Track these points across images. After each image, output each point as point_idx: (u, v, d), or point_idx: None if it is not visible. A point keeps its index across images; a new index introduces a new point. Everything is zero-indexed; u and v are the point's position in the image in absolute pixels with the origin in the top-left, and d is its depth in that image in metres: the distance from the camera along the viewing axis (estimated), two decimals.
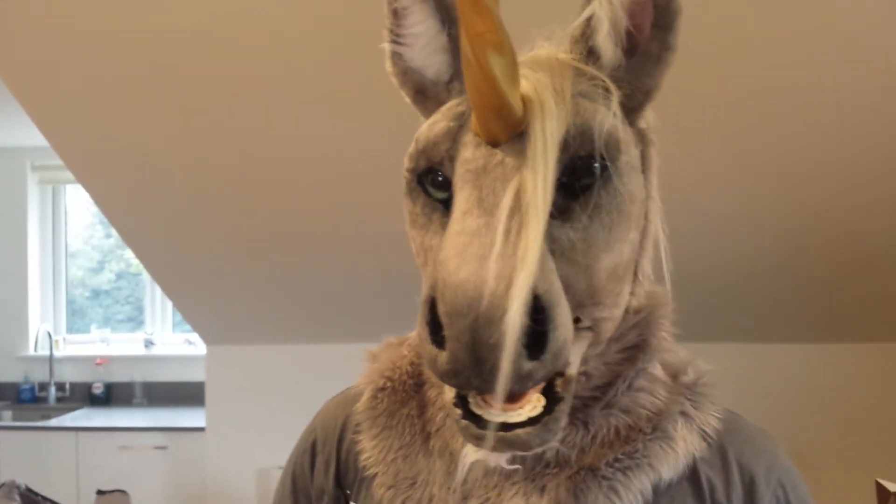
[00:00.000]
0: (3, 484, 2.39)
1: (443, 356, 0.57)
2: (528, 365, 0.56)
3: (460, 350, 0.56)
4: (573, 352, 0.63)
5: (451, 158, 0.66)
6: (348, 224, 2.27)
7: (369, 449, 0.79)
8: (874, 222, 2.15)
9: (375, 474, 0.77)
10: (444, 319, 0.56)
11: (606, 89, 0.65)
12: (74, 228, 4.73)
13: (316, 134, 2.01)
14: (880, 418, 2.62)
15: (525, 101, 0.61)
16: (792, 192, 2.07)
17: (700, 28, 1.57)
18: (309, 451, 0.87)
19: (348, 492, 0.82)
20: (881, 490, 1.97)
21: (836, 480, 2.53)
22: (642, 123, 0.71)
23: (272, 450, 2.83)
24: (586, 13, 0.67)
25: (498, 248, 0.56)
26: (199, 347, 4.05)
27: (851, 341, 2.64)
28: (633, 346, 0.73)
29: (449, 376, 0.58)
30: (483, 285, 0.55)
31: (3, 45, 1.83)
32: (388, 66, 0.75)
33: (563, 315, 0.58)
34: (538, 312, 0.56)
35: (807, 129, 1.87)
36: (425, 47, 0.73)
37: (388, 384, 0.81)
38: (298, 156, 2.09)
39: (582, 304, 0.63)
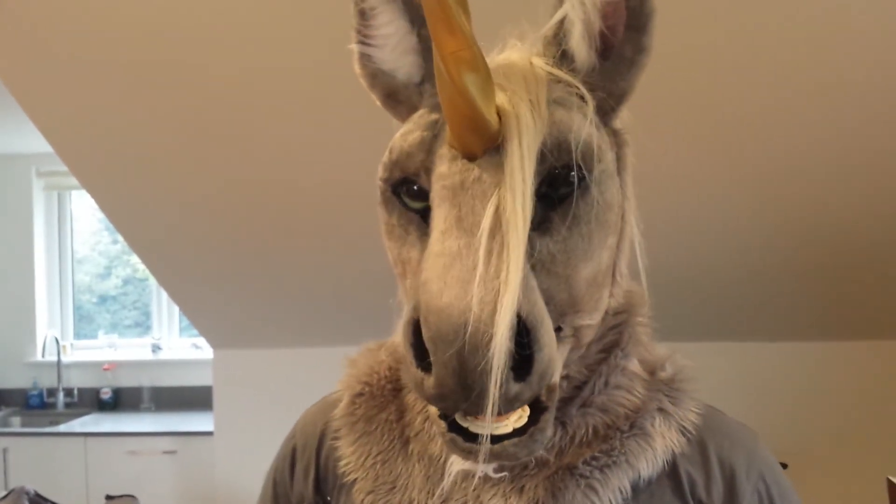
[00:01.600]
0: (12, 490, 2.39)
1: (430, 381, 0.57)
2: (515, 387, 0.56)
3: (447, 376, 0.56)
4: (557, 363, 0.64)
5: (427, 171, 0.65)
6: (356, 226, 2.26)
7: (348, 455, 0.79)
8: (866, 219, 2.14)
9: (355, 480, 0.77)
10: (429, 345, 0.56)
11: (581, 97, 0.65)
12: (81, 234, 4.74)
13: (324, 136, 2.01)
14: (876, 416, 2.62)
15: (500, 113, 0.61)
16: (783, 191, 2.06)
17: (684, 28, 1.56)
18: (289, 458, 0.87)
19: (328, 498, 0.82)
20: (893, 488, 1.96)
21: (841, 478, 2.52)
22: (617, 124, 0.70)
23: None
24: (559, 14, 0.66)
25: (480, 271, 0.56)
26: (206, 352, 4.05)
27: (845, 339, 2.63)
28: (613, 346, 0.74)
29: (436, 400, 0.58)
30: (467, 311, 0.55)
31: (6, 51, 1.83)
32: (357, 67, 0.74)
33: (547, 334, 0.58)
34: (522, 334, 0.56)
35: (797, 127, 1.86)
36: (395, 48, 0.72)
37: (366, 389, 0.81)
38: (304, 159, 2.09)
39: (563, 313, 0.63)
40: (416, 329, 0.58)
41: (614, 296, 0.71)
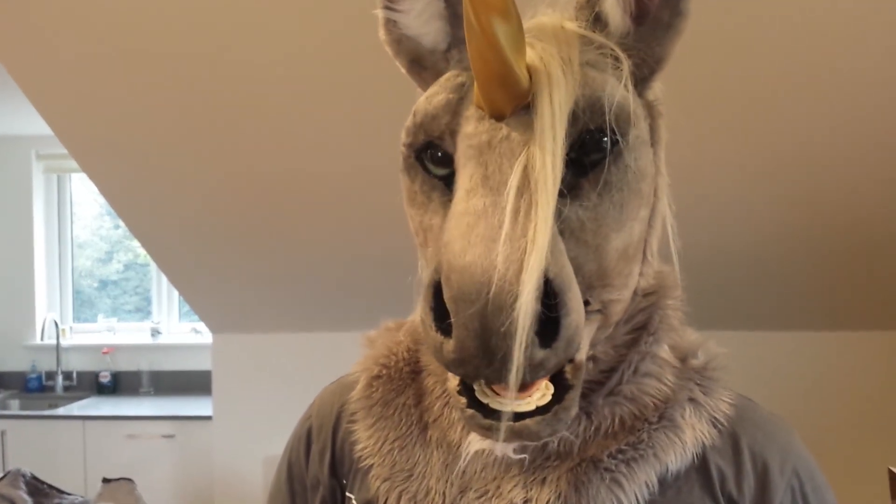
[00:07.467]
0: (9, 472, 2.39)
1: (449, 344, 0.54)
2: (540, 353, 0.53)
3: (468, 338, 0.53)
4: (583, 336, 0.60)
5: (453, 133, 0.63)
6: (355, 212, 2.26)
7: (364, 439, 0.76)
8: (882, 209, 2.13)
9: (371, 466, 0.75)
10: (450, 305, 0.54)
11: (616, 58, 0.62)
12: (83, 219, 4.73)
13: (322, 124, 2.00)
14: (888, 406, 2.61)
15: (531, 71, 0.58)
16: (799, 180, 2.05)
17: (706, 13, 1.54)
18: (304, 439, 0.84)
19: (344, 482, 0.79)
20: (894, 478, 1.95)
21: (845, 468, 2.51)
22: (650, 95, 0.68)
23: (279, 438, 2.81)
24: None
25: (507, 229, 0.53)
26: (205, 336, 4.05)
27: (859, 329, 2.63)
28: (642, 328, 0.71)
29: (456, 365, 0.55)
30: (492, 269, 0.52)
31: (6, 32, 1.81)
32: (382, 34, 0.71)
33: (575, 299, 0.55)
34: (549, 297, 0.53)
35: (814, 116, 1.85)
36: (421, 14, 0.69)
37: (384, 372, 0.78)
38: (305, 146, 2.08)
39: (591, 286, 0.61)
40: (436, 292, 0.56)
41: (644, 275, 0.69)
